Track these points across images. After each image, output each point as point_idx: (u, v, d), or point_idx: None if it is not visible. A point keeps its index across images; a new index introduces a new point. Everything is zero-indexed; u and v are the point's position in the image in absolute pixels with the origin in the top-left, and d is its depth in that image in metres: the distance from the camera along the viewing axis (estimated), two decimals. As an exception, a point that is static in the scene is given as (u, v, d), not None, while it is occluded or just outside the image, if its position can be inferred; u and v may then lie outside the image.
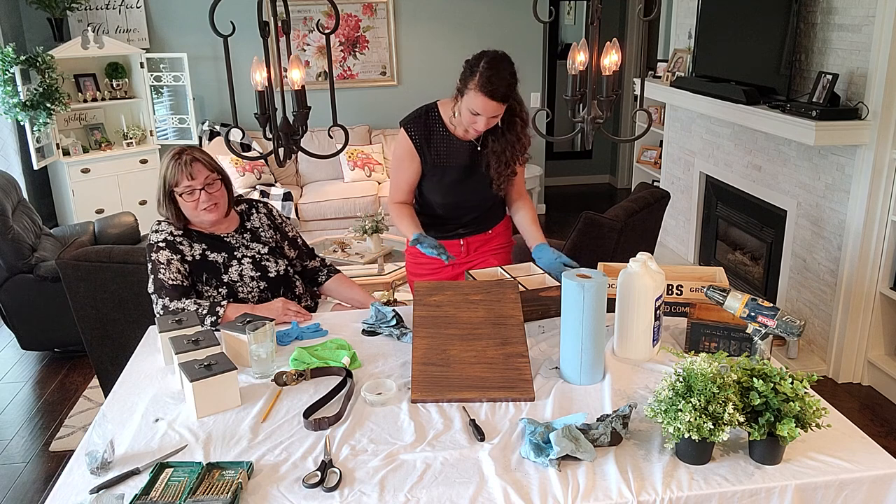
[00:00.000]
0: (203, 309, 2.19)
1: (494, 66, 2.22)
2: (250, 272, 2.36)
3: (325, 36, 1.96)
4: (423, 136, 2.44)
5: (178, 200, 2.30)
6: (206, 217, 2.32)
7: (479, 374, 1.81)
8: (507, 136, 2.42)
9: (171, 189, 2.28)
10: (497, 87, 2.22)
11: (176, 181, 2.26)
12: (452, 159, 2.46)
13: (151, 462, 1.53)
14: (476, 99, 2.24)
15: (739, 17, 4.02)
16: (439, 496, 1.41)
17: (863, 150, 3.27)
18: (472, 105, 2.26)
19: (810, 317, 3.75)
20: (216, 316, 2.19)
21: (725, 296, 1.77)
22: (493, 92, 2.21)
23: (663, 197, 3.63)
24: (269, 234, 2.47)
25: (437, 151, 2.45)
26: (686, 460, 1.49)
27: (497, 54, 2.27)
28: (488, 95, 2.22)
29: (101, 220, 4.58)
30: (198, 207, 2.29)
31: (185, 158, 2.27)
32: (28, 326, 3.86)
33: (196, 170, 2.27)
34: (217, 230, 2.38)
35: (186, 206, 2.30)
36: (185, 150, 2.31)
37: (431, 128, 2.44)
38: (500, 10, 6.20)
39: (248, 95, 2.35)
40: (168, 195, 2.30)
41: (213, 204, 2.30)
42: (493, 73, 2.21)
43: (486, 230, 2.64)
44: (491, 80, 2.21)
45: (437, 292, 2.05)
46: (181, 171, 2.26)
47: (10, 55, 4.77)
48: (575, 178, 7.93)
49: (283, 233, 2.51)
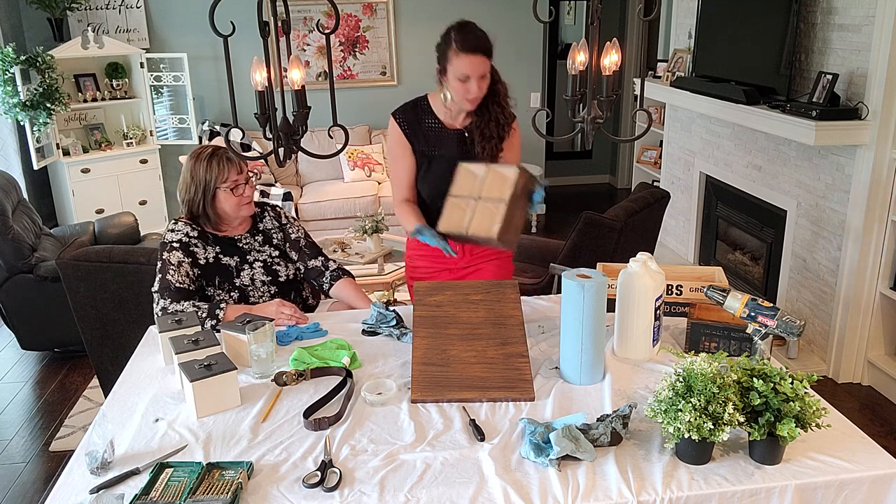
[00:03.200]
0: (203, 312, 2.18)
1: (464, 27, 2.25)
2: (262, 276, 2.36)
3: (325, 36, 1.96)
4: (412, 124, 2.40)
5: (220, 198, 2.30)
6: (245, 212, 2.36)
7: (479, 374, 1.81)
8: (491, 109, 2.36)
9: (216, 187, 2.28)
10: (475, 41, 2.21)
11: (225, 177, 2.27)
12: (442, 148, 2.41)
13: (151, 462, 1.53)
14: (460, 61, 2.21)
15: (739, 17, 4.02)
16: (439, 496, 1.41)
17: (863, 150, 3.27)
18: (459, 70, 2.23)
19: (810, 317, 3.75)
20: (216, 319, 2.18)
21: (725, 296, 1.77)
22: (474, 46, 2.20)
23: (663, 197, 3.63)
24: (279, 237, 2.47)
25: (426, 139, 2.41)
26: (686, 460, 1.49)
27: (464, 20, 2.28)
28: (470, 51, 2.20)
29: (101, 220, 4.58)
30: (242, 202, 2.32)
31: (225, 155, 2.29)
32: (28, 326, 3.86)
33: (241, 164, 2.32)
34: (232, 232, 2.39)
35: (231, 202, 2.31)
36: (217, 149, 2.32)
37: (420, 117, 2.41)
38: (500, 10, 6.20)
39: (248, 95, 2.36)
40: (212, 194, 2.29)
41: (252, 199, 2.36)
42: (466, 31, 2.23)
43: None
44: (467, 38, 2.21)
45: (437, 292, 2.05)
46: (230, 165, 2.28)
47: (10, 55, 4.77)
48: (575, 178, 7.93)
49: (286, 234, 2.50)
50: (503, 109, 2.37)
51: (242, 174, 2.31)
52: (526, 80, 6.42)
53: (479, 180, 2.15)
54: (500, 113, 2.37)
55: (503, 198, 2.07)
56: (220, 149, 2.32)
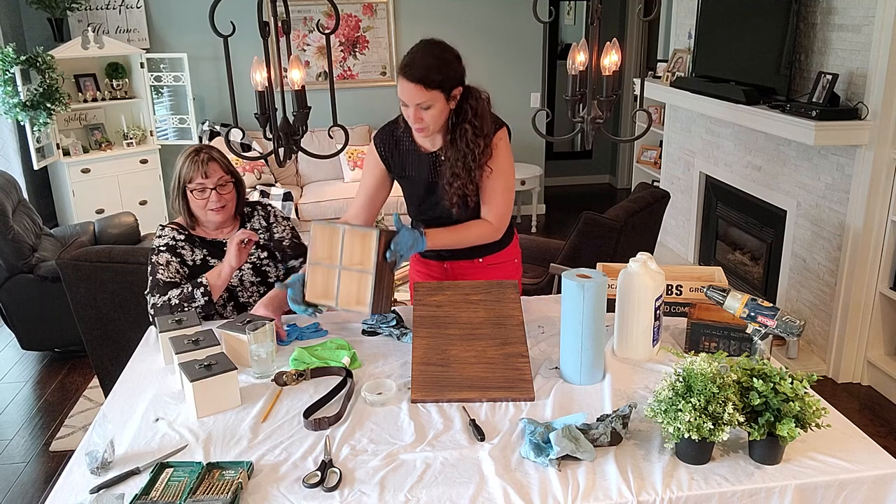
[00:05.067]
0: (186, 289, 2.19)
1: (416, 49, 2.08)
2: (250, 277, 2.36)
3: (325, 36, 1.97)
4: (390, 146, 2.29)
5: (189, 198, 2.30)
6: (212, 217, 2.32)
7: (479, 374, 1.81)
8: (458, 145, 2.15)
9: (185, 185, 2.29)
10: (412, 67, 2.03)
11: (190, 177, 2.27)
12: (414, 171, 2.29)
13: (151, 462, 1.53)
14: (398, 84, 2.06)
15: (739, 17, 4.02)
16: (439, 496, 1.41)
17: (863, 150, 3.27)
18: (398, 92, 2.08)
19: (810, 317, 3.75)
20: (202, 286, 2.19)
21: (725, 296, 1.78)
22: (407, 72, 2.03)
23: (663, 197, 3.63)
24: (265, 237, 2.46)
25: (401, 162, 2.30)
26: (686, 460, 1.49)
27: (428, 40, 2.11)
28: (403, 75, 2.04)
29: (101, 220, 4.58)
30: (206, 206, 2.29)
31: (202, 157, 2.28)
32: (28, 326, 3.86)
33: (211, 169, 2.28)
34: (219, 235, 2.38)
35: (196, 204, 2.30)
36: (203, 149, 2.31)
37: (399, 138, 2.29)
38: (500, 10, 6.20)
39: (248, 95, 2.36)
40: (181, 191, 2.30)
41: (221, 206, 2.31)
42: (413, 55, 2.06)
43: (472, 257, 2.36)
44: (408, 60, 2.05)
45: (437, 292, 2.05)
46: (196, 168, 2.26)
47: (10, 55, 4.77)
48: (575, 178, 7.93)
49: (272, 234, 2.47)
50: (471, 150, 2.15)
51: (209, 179, 2.26)
52: (526, 80, 6.43)
53: (338, 246, 1.99)
54: (467, 151, 2.15)
55: (368, 268, 1.94)
56: (204, 149, 2.31)
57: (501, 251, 2.40)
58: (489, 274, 2.37)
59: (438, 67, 2.04)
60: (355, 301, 1.98)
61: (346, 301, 1.99)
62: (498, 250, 2.38)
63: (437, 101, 2.06)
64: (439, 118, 2.11)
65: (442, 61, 2.05)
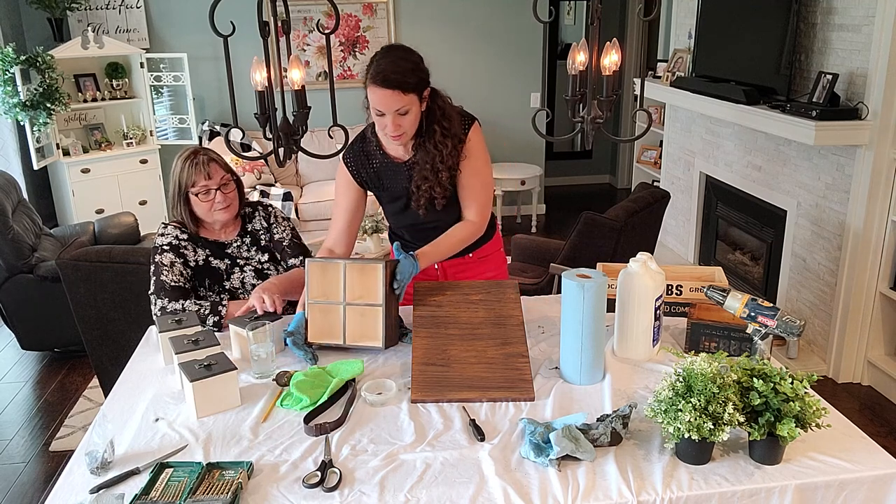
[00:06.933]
0: (204, 309, 2.19)
1: (385, 54, 2.05)
2: (252, 280, 2.36)
3: (325, 36, 1.96)
4: (360, 162, 2.27)
5: (192, 201, 2.29)
6: (219, 217, 2.32)
7: (479, 374, 1.81)
8: (427, 147, 2.14)
9: (187, 190, 2.27)
10: (386, 73, 1.99)
11: (192, 181, 2.26)
12: (389, 181, 2.27)
13: (151, 462, 1.53)
14: (372, 94, 2.03)
15: (739, 17, 4.02)
16: (439, 496, 1.41)
17: (863, 150, 3.27)
18: (372, 103, 2.04)
19: (810, 317, 3.75)
20: (219, 315, 2.19)
21: (725, 296, 1.77)
22: (382, 79, 1.99)
23: (663, 197, 3.63)
24: (266, 238, 2.46)
25: (376, 177, 2.27)
26: (686, 460, 1.49)
27: (389, 46, 2.09)
28: (379, 83, 2.00)
29: (101, 220, 4.58)
30: (213, 208, 2.29)
31: (201, 158, 2.27)
32: (28, 326, 3.86)
33: (213, 170, 2.28)
34: (221, 236, 2.38)
35: (201, 207, 2.29)
36: (199, 151, 2.30)
37: (370, 153, 2.26)
38: (500, 10, 6.20)
39: (248, 95, 2.35)
40: (183, 196, 2.29)
41: (226, 205, 2.31)
42: (383, 60, 2.02)
43: (463, 254, 2.35)
44: (379, 67, 2.01)
45: (437, 292, 2.05)
46: (199, 170, 2.25)
47: (10, 55, 4.77)
48: (575, 178, 7.93)
49: (272, 234, 2.47)
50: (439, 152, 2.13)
51: (212, 180, 2.26)
52: (526, 80, 6.43)
53: (337, 282, 1.97)
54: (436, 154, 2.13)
55: (375, 301, 1.94)
56: (201, 151, 2.30)
57: (488, 243, 2.43)
58: (480, 266, 2.41)
59: (411, 70, 2.04)
60: (365, 336, 1.99)
61: (355, 337, 1.99)
62: (485, 242, 2.41)
63: (413, 104, 2.06)
64: (415, 122, 2.11)
65: (412, 64, 2.06)
